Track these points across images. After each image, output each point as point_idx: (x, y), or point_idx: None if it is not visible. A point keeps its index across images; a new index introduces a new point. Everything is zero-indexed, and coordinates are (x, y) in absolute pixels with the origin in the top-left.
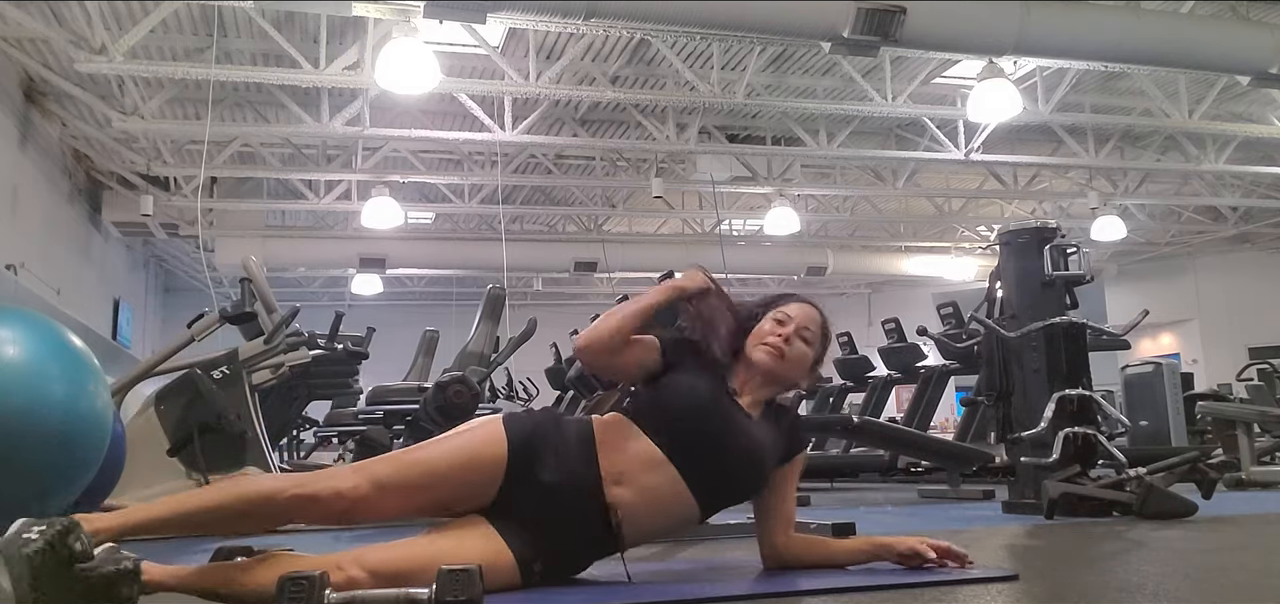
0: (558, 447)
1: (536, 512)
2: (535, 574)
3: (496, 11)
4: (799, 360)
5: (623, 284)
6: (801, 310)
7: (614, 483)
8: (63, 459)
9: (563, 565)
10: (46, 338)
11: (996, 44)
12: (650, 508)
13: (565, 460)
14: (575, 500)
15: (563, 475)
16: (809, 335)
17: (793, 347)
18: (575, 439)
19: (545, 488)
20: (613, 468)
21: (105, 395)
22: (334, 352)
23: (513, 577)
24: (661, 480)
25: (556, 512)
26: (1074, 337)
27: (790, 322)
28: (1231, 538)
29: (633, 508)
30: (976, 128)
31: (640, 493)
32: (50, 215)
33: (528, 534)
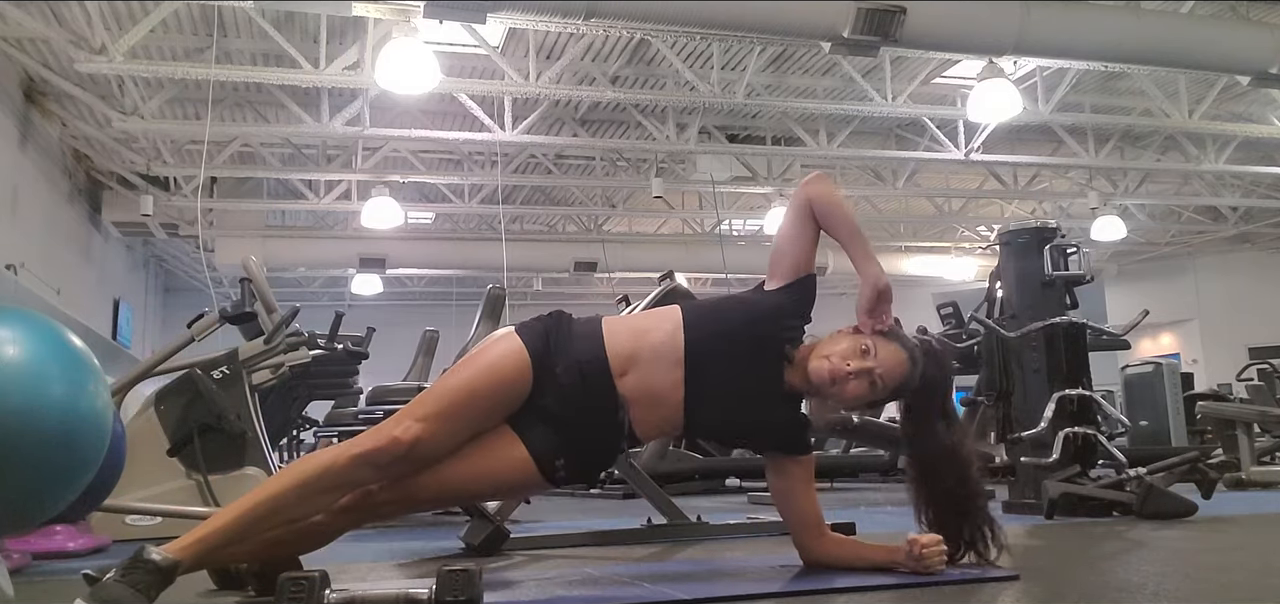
0: (569, 345)
1: (554, 410)
2: (558, 471)
3: (496, 11)
4: (853, 396)
5: (623, 284)
6: (891, 358)
7: (620, 373)
8: (63, 459)
9: (586, 461)
10: (46, 338)
11: (996, 44)
12: (650, 401)
13: (576, 356)
14: (587, 398)
15: (575, 373)
16: (879, 384)
17: (854, 383)
18: (585, 335)
19: (560, 387)
20: (619, 356)
21: (105, 395)
22: (334, 352)
23: (536, 477)
24: (666, 378)
25: (570, 410)
26: (1074, 337)
27: (871, 359)
28: (1231, 538)
29: (636, 399)
30: (976, 128)
31: (644, 385)
32: (50, 215)
33: (548, 434)
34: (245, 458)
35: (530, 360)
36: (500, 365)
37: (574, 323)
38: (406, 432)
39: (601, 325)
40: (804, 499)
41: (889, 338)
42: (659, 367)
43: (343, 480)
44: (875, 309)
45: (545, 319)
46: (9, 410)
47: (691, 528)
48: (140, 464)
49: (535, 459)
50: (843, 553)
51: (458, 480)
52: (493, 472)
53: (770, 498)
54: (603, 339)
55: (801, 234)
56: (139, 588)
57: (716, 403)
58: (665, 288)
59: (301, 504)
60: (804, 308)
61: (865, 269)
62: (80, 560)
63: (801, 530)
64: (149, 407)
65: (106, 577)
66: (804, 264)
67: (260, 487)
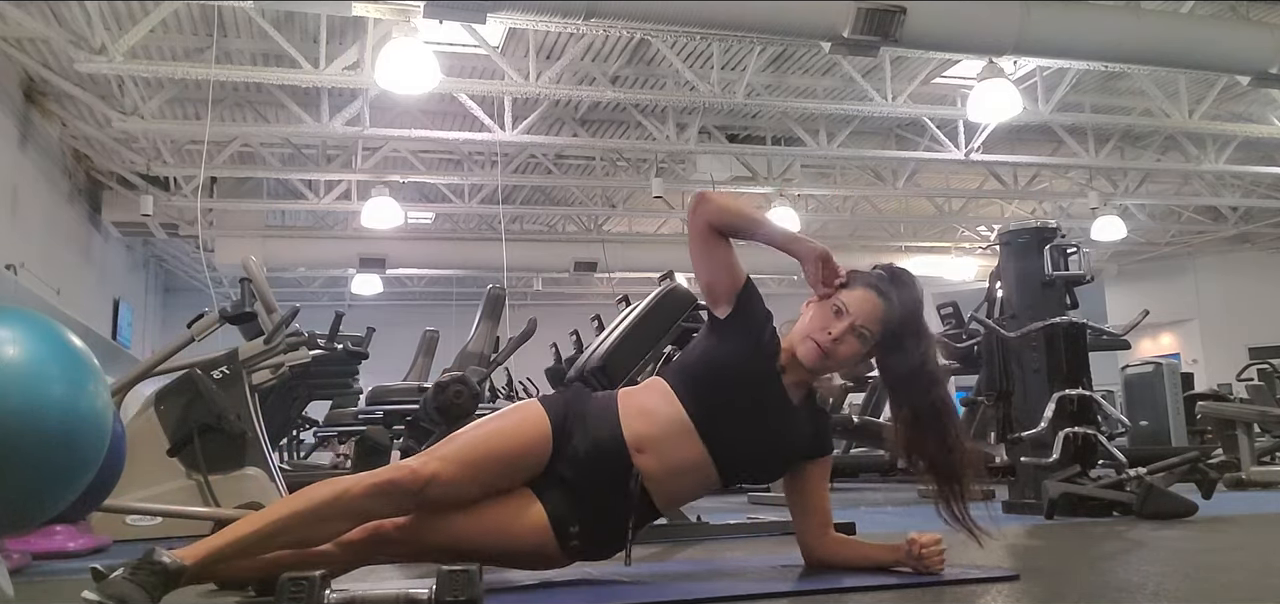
0: (586, 419)
1: (571, 481)
2: (572, 538)
3: (496, 11)
4: (847, 356)
5: (623, 284)
6: (863, 304)
7: (637, 451)
8: (63, 459)
9: (600, 533)
10: (46, 338)
11: (996, 44)
12: (673, 475)
13: (592, 431)
14: (602, 469)
15: (591, 445)
16: (866, 333)
17: (842, 345)
18: (601, 411)
19: (577, 458)
20: (635, 436)
21: (105, 395)
22: (334, 352)
23: (550, 541)
24: (686, 450)
25: (587, 480)
26: (1074, 337)
27: (846, 315)
28: (1231, 538)
29: (656, 475)
30: (976, 128)
31: (662, 461)
32: (50, 215)
33: (564, 501)
34: (245, 458)
35: (551, 428)
36: (523, 424)
37: (591, 397)
38: (425, 467)
39: (617, 402)
40: (818, 497)
41: (852, 286)
42: (677, 443)
43: (356, 508)
44: (826, 276)
45: (565, 393)
46: (9, 410)
47: (691, 528)
48: (140, 464)
49: (551, 522)
50: (844, 552)
51: (471, 532)
52: (507, 528)
53: (771, 498)
54: (618, 416)
55: (718, 257)
56: (145, 587)
57: (746, 451)
58: (665, 288)
59: (313, 527)
60: (761, 315)
61: (795, 249)
62: (80, 560)
63: (809, 528)
64: (149, 407)
65: (114, 574)
66: (737, 279)
67: (274, 505)
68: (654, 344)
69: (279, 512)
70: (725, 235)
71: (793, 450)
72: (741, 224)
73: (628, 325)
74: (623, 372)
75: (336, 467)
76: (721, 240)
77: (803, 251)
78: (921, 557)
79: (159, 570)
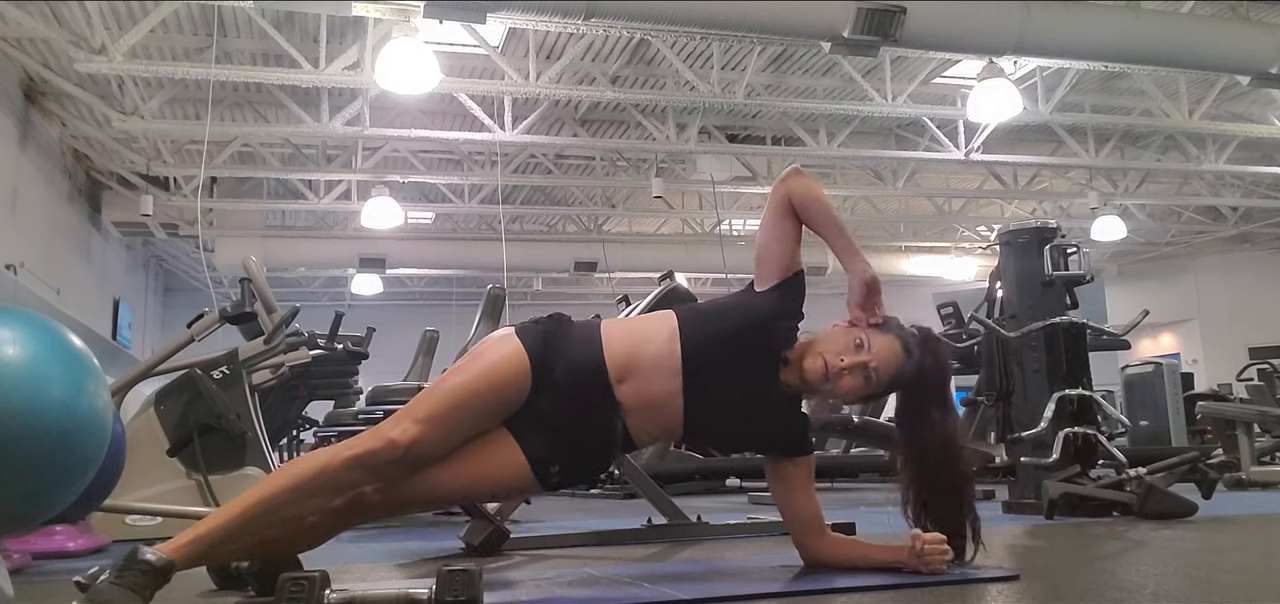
0: (568, 349)
1: (551, 414)
2: (553, 477)
3: (496, 11)
4: (847, 390)
5: (623, 284)
6: (885, 349)
7: (618, 381)
8: (62, 459)
9: (580, 467)
10: (46, 338)
11: (996, 44)
12: (647, 411)
13: (574, 359)
14: (584, 401)
15: (572, 378)
16: (874, 377)
17: (848, 376)
18: (583, 339)
19: (558, 391)
20: (617, 361)
21: (105, 395)
22: (334, 352)
23: (529, 479)
24: (664, 387)
25: (567, 415)
26: (1074, 336)
27: (865, 352)
28: (1231, 538)
29: (633, 407)
30: (976, 128)
31: (641, 393)
32: (50, 215)
33: (545, 438)
34: (245, 458)
35: (529, 363)
36: (499, 367)
37: (573, 326)
38: (403, 434)
39: (600, 330)
40: (804, 500)
41: (883, 330)
42: (657, 375)
43: (338, 481)
44: (866, 303)
45: (544, 321)
46: (9, 410)
47: (691, 528)
48: (140, 464)
49: (530, 463)
50: (843, 553)
51: (452, 482)
52: (487, 475)
53: (771, 498)
54: (601, 344)
55: (783, 231)
56: (134, 589)
57: (715, 409)
58: (665, 288)
59: (296, 504)
60: (795, 306)
61: (851, 264)
62: (80, 560)
63: (802, 531)
64: (149, 407)
65: (100, 579)
66: (790, 261)
67: (256, 487)
68: None
69: (261, 493)
70: (799, 218)
71: (761, 431)
72: (817, 214)
73: None
74: None
75: None
76: (792, 219)
77: (857, 267)
78: (923, 554)
79: (147, 569)
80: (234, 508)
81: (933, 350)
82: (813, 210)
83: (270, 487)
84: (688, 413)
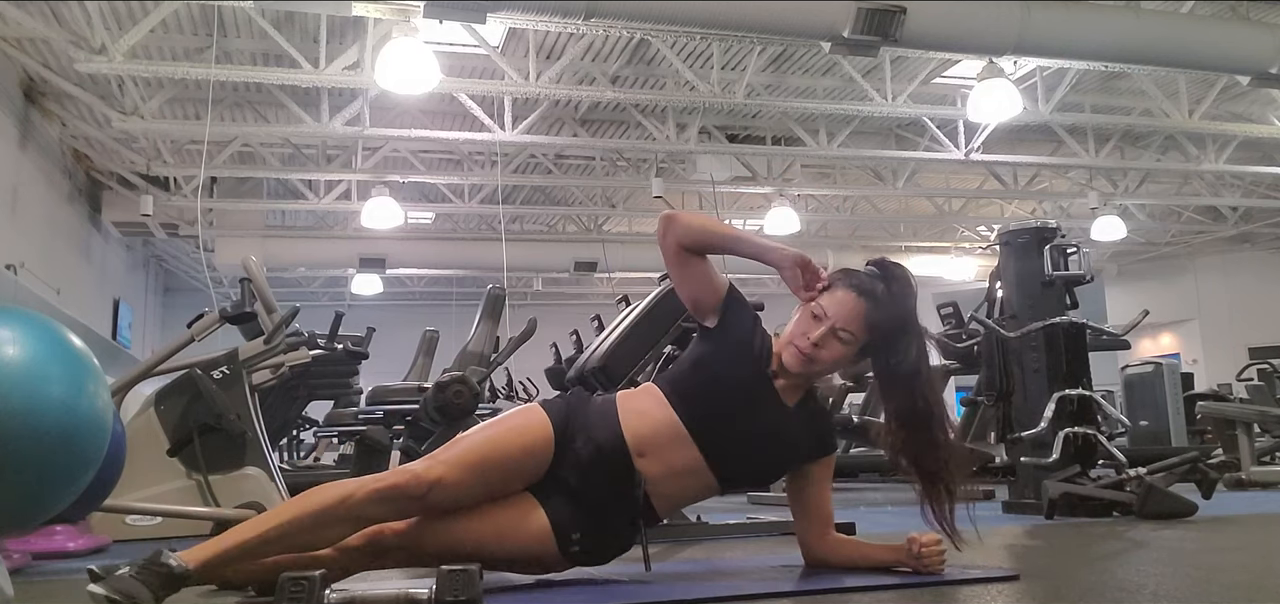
0: (587, 423)
1: (573, 486)
2: (574, 545)
3: (496, 11)
4: (831, 360)
5: (623, 284)
6: (842, 305)
7: (638, 454)
8: (62, 459)
9: (601, 540)
10: (46, 338)
11: (996, 44)
12: (672, 478)
13: (594, 435)
14: (605, 473)
15: (593, 450)
16: (846, 335)
17: (824, 348)
18: (601, 414)
19: (579, 463)
20: (636, 438)
21: (105, 395)
22: (334, 352)
23: (551, 547)
24: (683, 455)
25: (590, 485)
26: (1074, 336)
27: (825, 320)
28: (1231, 538)
29: (657, 479)
30: (976, 128)
31: (663, 464)
32: (50, 215)
33: (567, 508)
34: (245, 458)
35: (552, 431)
36: (526, 428)
37: (591, 401)
38: (429, 471)
39: (617, 405)
40: (820, 497)
41: (833, 288)
42: (674, 447)
43: (360, 513)
44: (806, 282)
45: (565, 397)
46: (9, 410)
47: (691, 528)
48: (140, 464)
49: (553, 529)
50: (844, 552)
51: (472, 537)
52: (508, 533)
53: (771, 497)
54: (618, 419)
55: (694, 273)
56: (148, 586)
57: (742, 456)
58: (665, 288)
59: (316, 531)
60: (748, 318)
61: (770, 259)
62: (80, 560)
63: (810, 527)
64: (149, 407)
65: (120, 571)
66: (718, 289)
67: (277, 509)
68: (654, 344)
69: (282, 515)
70: (698, 254)
71: (790, 453)
72: (711, 240)
73: (628, 325)
74: (623, 372)
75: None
76: (695, 257)
77: (778, 259)
78: (921, 556)
79: (164, 572)
80: (254, 527)
81: (892, 277)
82: (704, 241)
83: (293, 510)
84: (717, 470)
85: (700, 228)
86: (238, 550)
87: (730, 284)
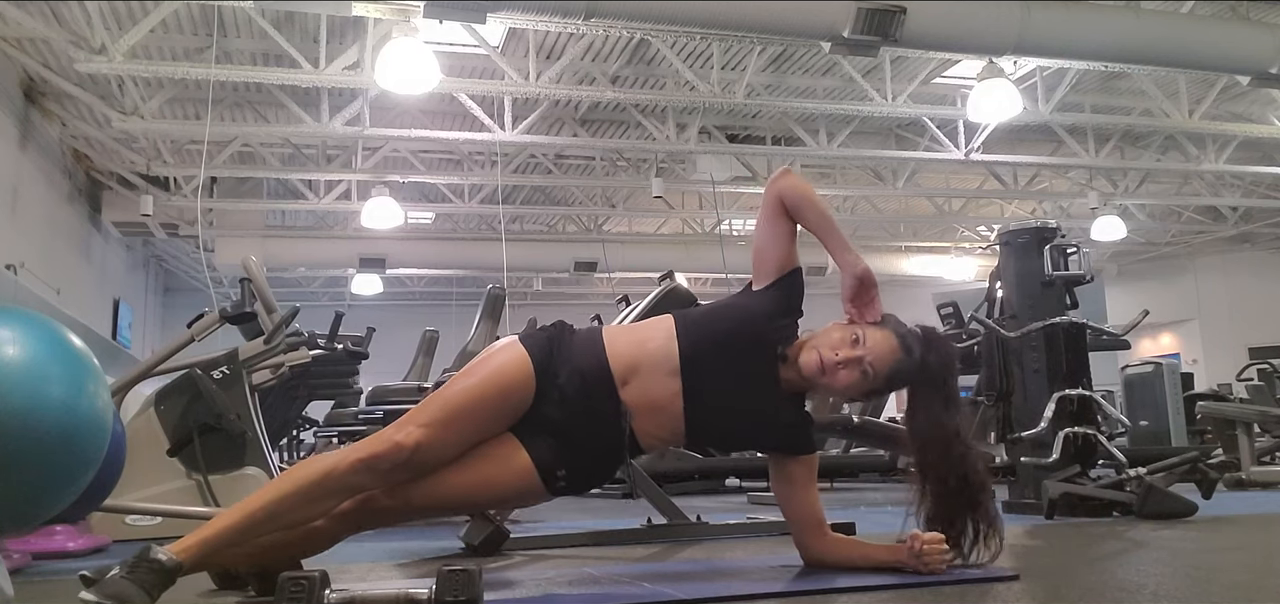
0: (571, 354)
1: (557, 419)
2: (559, 481)
3: (496, 11)
4: (842, 385)
5: (623, 284)
6: (881, 345)
7: (622, 382)
8: (62, 459)
9: (586, 473)
10: (46, 338)
11: (996, 44)
12: (647, 412)
13: (579, 364)
14: (590, 407)
15: (578, 382)
16: (871, 373)
17: (843, 370)
18: (587, 342)
19: (564, 397)
20: (622, 366)
21: (105, 395)
22: (334, 352)
23: (536, 485)
24: (663, 387)
25: (574, 420)
26: (1074, 336)
27: (860, 347)
28: (1231, 538)
29: (636, 407)
30: (976, 128)
31: (643, 392)
32: (50, 215)
33: (551, 443)
34: (245, 458)
35: (533, 368)
36: (504, 372)
37: (576, 333)
38: (408, 437)
39: (602, 334)
40: (806, 499)
41: (880, 326)
42: (657, 376)
43: (343, 485)
44: (859, 296)
45: (547, 329)
46: (9, 410)
47: (691, 528)
48: (140, 464)
49: (537, 468)
50: (844, 552)
51: (459, 488)
52: (494, 480)
53: (771, 497)
54: (604, 347)
55: (777, 231)
56: (143, 586)
57: (716, 410)
58: (665, 288)
59: (302, 508)
60: (793, 304)
61: (842, 259)
62: (80, 560)
63: (803, 530)
64: (149, 407)
65: (111, 573)
66: (786, 260)
67: (262, 490)
68: None
69: (268, 496)
70: (791, 218)
71: (761, 435)
72: (809, 212)
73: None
74: None
75: None
76: (785, 218)
77: (848, 262)
78: (922, 554)
79: (156, 568)
80: (240, 511)
81: (935, 348)
82: (804, 209)
83: (277, 490)
84: (688, 414)
85: (805, 197)
86: (227, 535)
87: (798, 268)
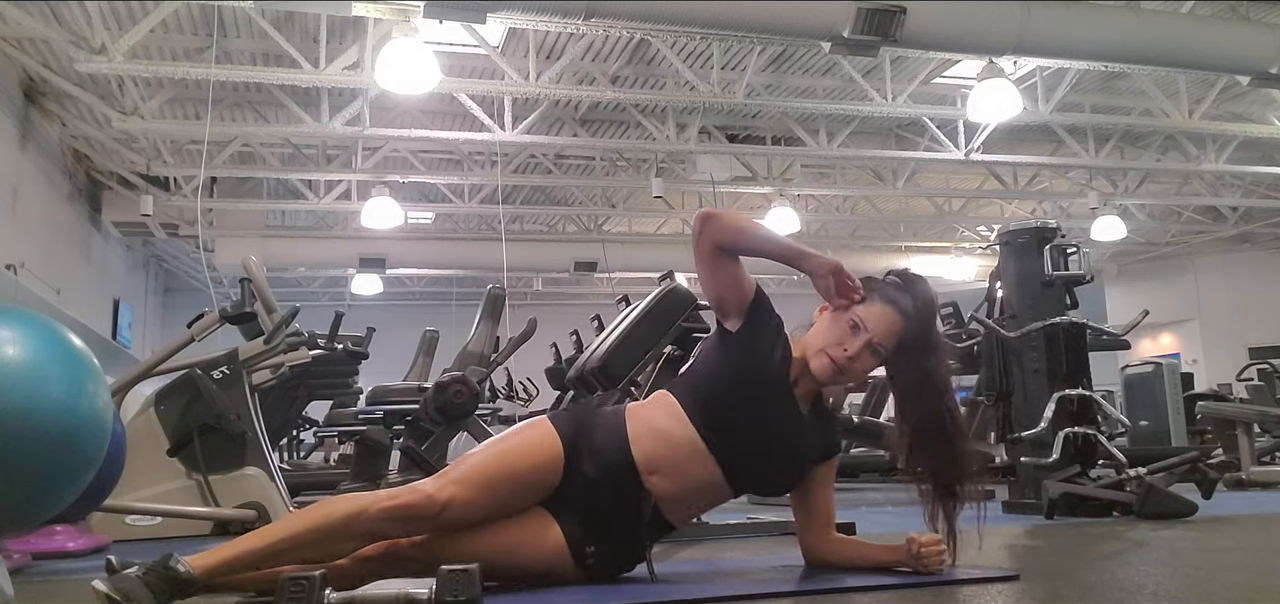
0: (594, 443)
1: (585, 503)
2: (588, 557)
3: (496, 11)
4: (862, 371)
5: (623, 284)
6: (882, 320)
7: (649, 473)
8: (62, 459)
9: (615, 552)
10: (46, 338)
11: (996, 44)
12: (686, 493)
13: (602, 455)
14: (614, 493)
15: (602, 471)
16: (882, 349)
17: (858, 361)
18: (609, 432)
19: (590, 483)
20: (646, 458)
21: (105, 395)
22: (334, 352)
23: (566, 560)
24: (699, 470)
25: (600, 504)
26: (1074, 336)
27: (863, 331)
28: (1231, 538)
29: (669, 495)
30: (976, 128)
31: (676, 481)
32: (50, 215)
33: (580, 524)
34: (245, 458)
35: (562, 449)
36: (535, 446)
37: (598, 415)
38: (442, 492)
39: (625, 421)
40: (824, 497)
41: (871, 301)
42: (694, 465)
43: (369, 529)
44: (842, 290)
45: (573, 409)
46: (9, 410)
47: (691, 528)
48: (140, 464)
49: (567, 543)
50: (844, 552)
51: (488, 551)
52: (524, 548)
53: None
54: (627, 438)
55: (725, 274)
56: (153, 588)
57: (757, 466)
58: (665, 288)
59: (326, 544)
60: (774, 323)
61: (807, 266)
62: (80, 560)
63: (811, 527)
64: (149, 407)
65: (129, 570)
66: (745, 292)
67: (287, 518)
68: (654, 344)
69: (292, 527)
70: (732, 254)
71: (803, 460)
72: (749, 242)
73: (628, 325)
74: (623, 371)
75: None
76: (728, 258)
77: (813, 267)
78: (921, 556)
79: (171, 576)
80: (262, 537)
81: (916, 290)
82: (742, 241)
83: (303, 521)
84: (733, 481)
85: (737, 229)
86: (247, 558)
87: (758, 287)
